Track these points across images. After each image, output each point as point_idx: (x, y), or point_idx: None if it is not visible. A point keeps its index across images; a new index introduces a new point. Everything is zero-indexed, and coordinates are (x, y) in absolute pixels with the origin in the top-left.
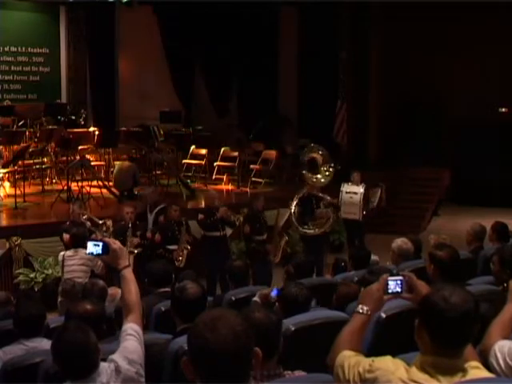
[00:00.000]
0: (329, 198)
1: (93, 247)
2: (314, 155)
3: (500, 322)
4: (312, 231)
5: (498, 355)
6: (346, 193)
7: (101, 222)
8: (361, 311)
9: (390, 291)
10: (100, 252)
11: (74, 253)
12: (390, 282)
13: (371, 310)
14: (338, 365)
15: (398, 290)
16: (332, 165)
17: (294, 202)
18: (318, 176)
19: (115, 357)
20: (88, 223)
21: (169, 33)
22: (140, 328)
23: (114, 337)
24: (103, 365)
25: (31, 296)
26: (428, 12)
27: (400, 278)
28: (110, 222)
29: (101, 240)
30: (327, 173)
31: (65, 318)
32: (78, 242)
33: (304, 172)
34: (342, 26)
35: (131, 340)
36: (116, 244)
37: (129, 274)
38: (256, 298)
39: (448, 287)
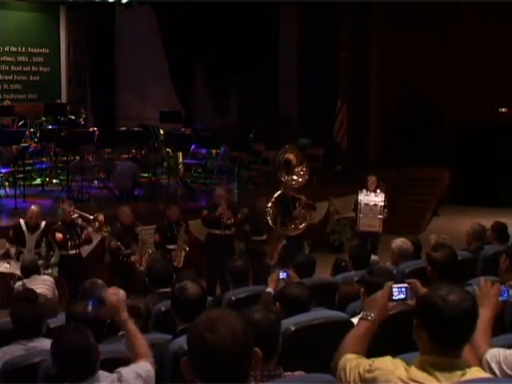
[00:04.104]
0: (304, 198)
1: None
2: (289, 156)
3: (481, 331)
4: (290, 232)
5: (493, 365)
6: (365, 205)
7: (91, 217)
8: (366, 317)
9: (394, 298)
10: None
11: (33, 278)
12: (394, 289)
13: (376, 316)
14: (340, 368)
15: (403, 296)
16: (304, 166)
17: (269, 204)
18: (294, 177)
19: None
20: (79, 220)
21: (169, 33)
22: (152, 366)
23: (115, 337)
24: (103, 373)
25: (29, 297)
26: (428, 12)
27: (405, 285)
28: (101, 217)
29: (98, 296)
30: (302, 172)
31: (65, 319)
32: (31, 270)
33: (279, 174)
34: (342, 26)
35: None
36: (114, 295)
37: (131, 326)
38: (269, 289)
39: (445, 286)
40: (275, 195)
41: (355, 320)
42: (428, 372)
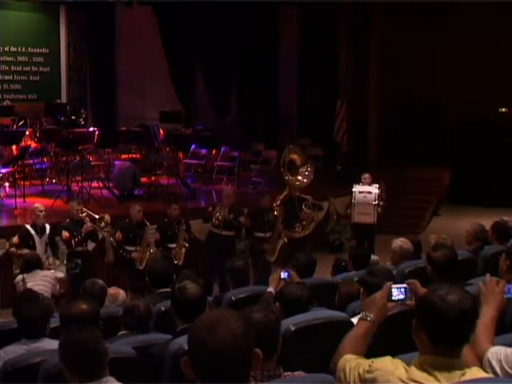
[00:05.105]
0: (311, 198)
1: None
2: (293, 156)
3: (483, 327)
4: (298, 234)
5: (494, 363)
6: (360, 192)
7: (97, 216)
8: (365, 318)
9: (393, 298)
10: None
11: (34, 273)
12: (393, 290)
13: (375, 316)
14: (340, 368)
15: (402, 297)
16: (308, 166)
17: (276, 204)
18: (299, 177)
19: None
20: (87, 219)
21: (169, 33)
22: None
23: (115, 337)
24: (113, 380)
25: (33, 297)
26: (428, 12)
27: (404, 285)
28: (107, 217)
29: None
30: (306, 173)
31: (60, 319)
32: (33, 265)
33: (284, 174)
34: (341, 26)
35: None
36: None
37: None
38: (270, 289)
39: (444, 286)
40: (281, 196)
41: (355, 320)
42: (428, 372)
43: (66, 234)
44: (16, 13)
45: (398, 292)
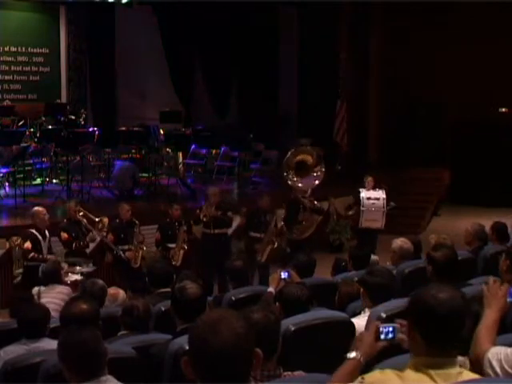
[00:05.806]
0: (308, 201)
1: None
2: (303, 157)
3: (485, 329)
4: (296, 236)
5: (494, 363)
6: (367, 199)
7: (97, 219)
8: (349, 357)
9: (382, 338)
10: None
11: (51, 287)
12: (381, 329)
13: (363, 355)
14: None
15: (391, 336)
16: (323, 167)
17: (283, 207)
18: (301, 180)
19: None
20: (84, 220)
21: (169, 33)
22: None
23: (115, 337)
24: (113, 378)
25: (32, 298)
26: (428, 12)
27: (393, 324)
28: (106, 220)
29: None
30: (319, 173)
31: (60, 319)
32: (51, 278)
33: (290, 176)
34: (341, 26)
35: None
36: None
37: None
38: (270, 289)
39: (435, 285)
40: (289, 199)
41: (355, 320)
42: (423, 372)
43: (64, 235)
44: (16, 13)
45: (386, 331)
